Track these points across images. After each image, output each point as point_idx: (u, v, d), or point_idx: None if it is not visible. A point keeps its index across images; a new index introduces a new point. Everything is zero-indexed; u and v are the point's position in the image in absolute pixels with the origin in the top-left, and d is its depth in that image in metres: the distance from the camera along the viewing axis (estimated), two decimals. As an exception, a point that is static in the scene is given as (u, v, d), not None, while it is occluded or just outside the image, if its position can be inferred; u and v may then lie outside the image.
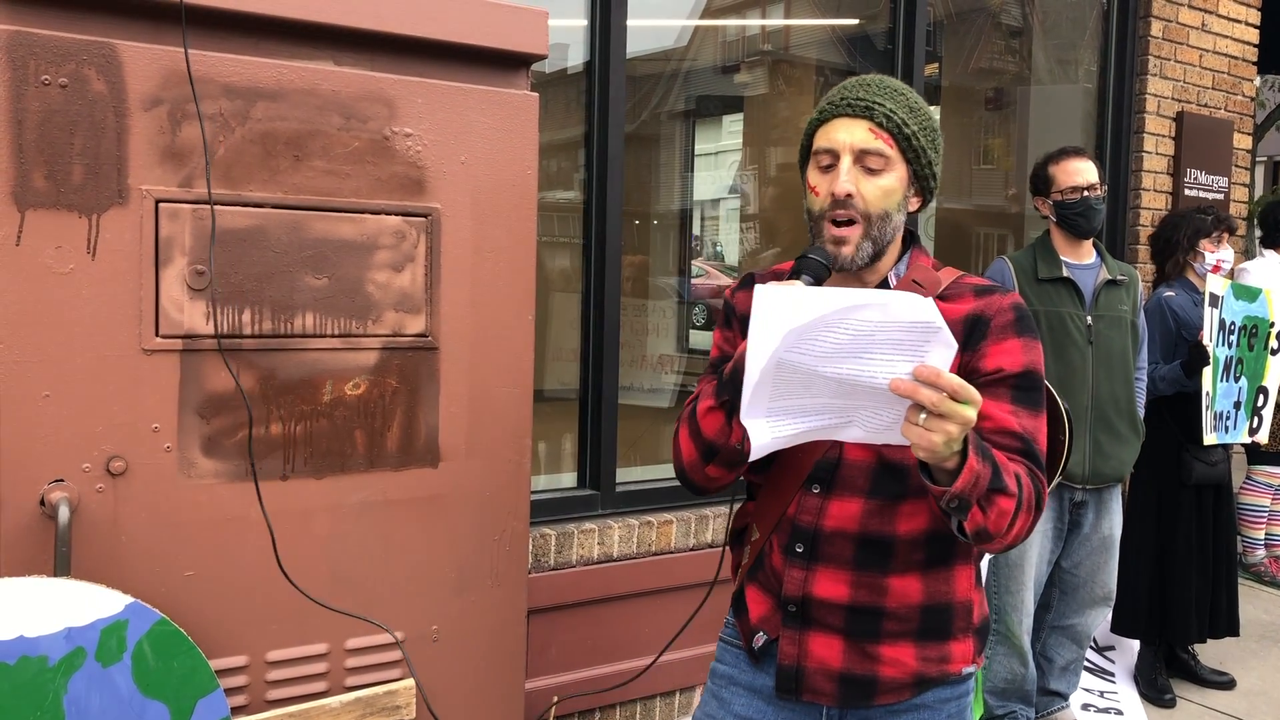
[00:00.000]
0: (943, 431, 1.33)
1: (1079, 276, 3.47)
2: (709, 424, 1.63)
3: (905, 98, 1.66)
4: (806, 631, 1.68)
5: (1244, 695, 4.12)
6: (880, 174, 1.63)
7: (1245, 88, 5.63)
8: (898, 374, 1.31)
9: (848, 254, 1.62)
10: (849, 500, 1.65)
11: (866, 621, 1.66)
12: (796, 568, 1.67)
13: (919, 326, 1.28)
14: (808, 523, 1.66)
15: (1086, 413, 3.42)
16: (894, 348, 1.30)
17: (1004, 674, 3.62)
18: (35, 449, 1.71)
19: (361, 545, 2.00)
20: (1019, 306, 1.66)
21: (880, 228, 1.64)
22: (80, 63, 1.70)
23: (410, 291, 2.00)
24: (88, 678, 1.63)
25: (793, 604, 1.68)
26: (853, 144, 1.62)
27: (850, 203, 1.61)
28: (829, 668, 1.67)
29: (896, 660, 1.66)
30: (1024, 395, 1.62)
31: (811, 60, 4.95)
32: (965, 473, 1.40)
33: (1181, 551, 4.01)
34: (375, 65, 1.98)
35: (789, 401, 1.37)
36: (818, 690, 1.68)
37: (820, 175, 1.65)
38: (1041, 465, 1.60)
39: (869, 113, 1.62)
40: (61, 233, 1.71)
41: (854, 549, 1.65)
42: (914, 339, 1.30)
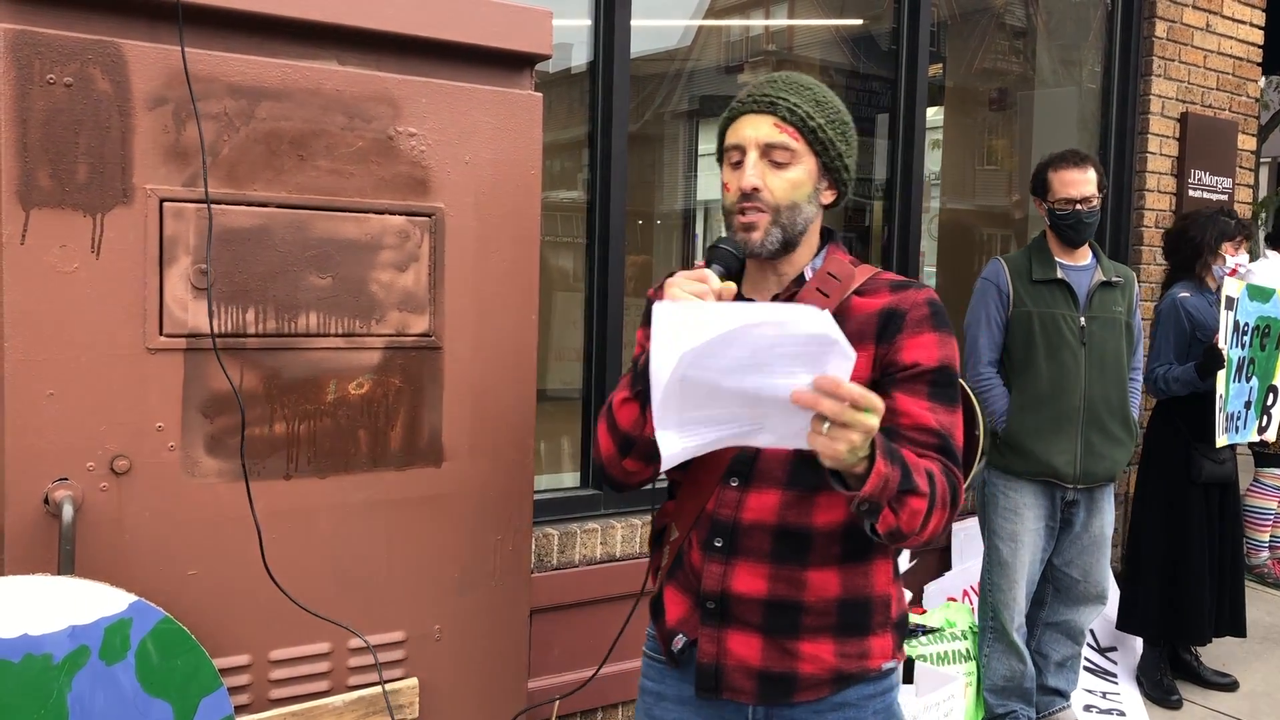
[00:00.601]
0: (846, 440, 1.36)
1: (1073, 278, 3.48)
2: (624, 415, 1.66)
3: (811, 92, 1.69)
4: (725, 629, 1.68)
5: (1247, 697, 4.12)
6: (787, 167, 1.65)
7: (1249, 89, 5.62)
8: (799, 385, 1.33)
9: (756, 239, 1.65)
10: (767, 492, 1.66)
11: (785, 617, 1.66)
12: (715, 562, 1.68)
13: (816, 339, 1.30)
14: (726, 516, 1.67)
15: (1078, 413, 3.44)
16: (793, 360, 1.32)
17: (1002, 671, 3.63)
18: (39, 447, 1.72)
19: (365, 545, 2.00)
20: (933, 302, 1.69)
21: (789, 217, 1.66)
22: (85, 62, 1.70)
23: (414, 291, 2.01)
24: (92, 676, 1.63)
25: (711, 600, 1.68)
26: (758, 139, 1.65)
27: (758, 196, 1.64)
28: (748, 665, 1.67)
29: (815, 657, 1.67)
30: (940, 391, 1.63)
31: (815, 60, 4.95)
32: (873, 477, 1.42)
33: (1195, 551, 4.00)
34: (379, 65, 1.98)
35: (698, 412, 1.39)
36: (737, 688, 1.68)
37: (731, 172, 1.69)
38: (957, 461, 1.62)
39: (773, 108, 1.65)
40: (66, 232, 1.71)
41: (772, 542, 1.65)
42: (812, 351, 1.31)
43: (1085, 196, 3.41)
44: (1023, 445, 3.47)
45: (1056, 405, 3.44)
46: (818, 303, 1.67)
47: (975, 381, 3.62)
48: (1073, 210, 3.42)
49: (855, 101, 4.95)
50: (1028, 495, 3.52)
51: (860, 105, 4.94)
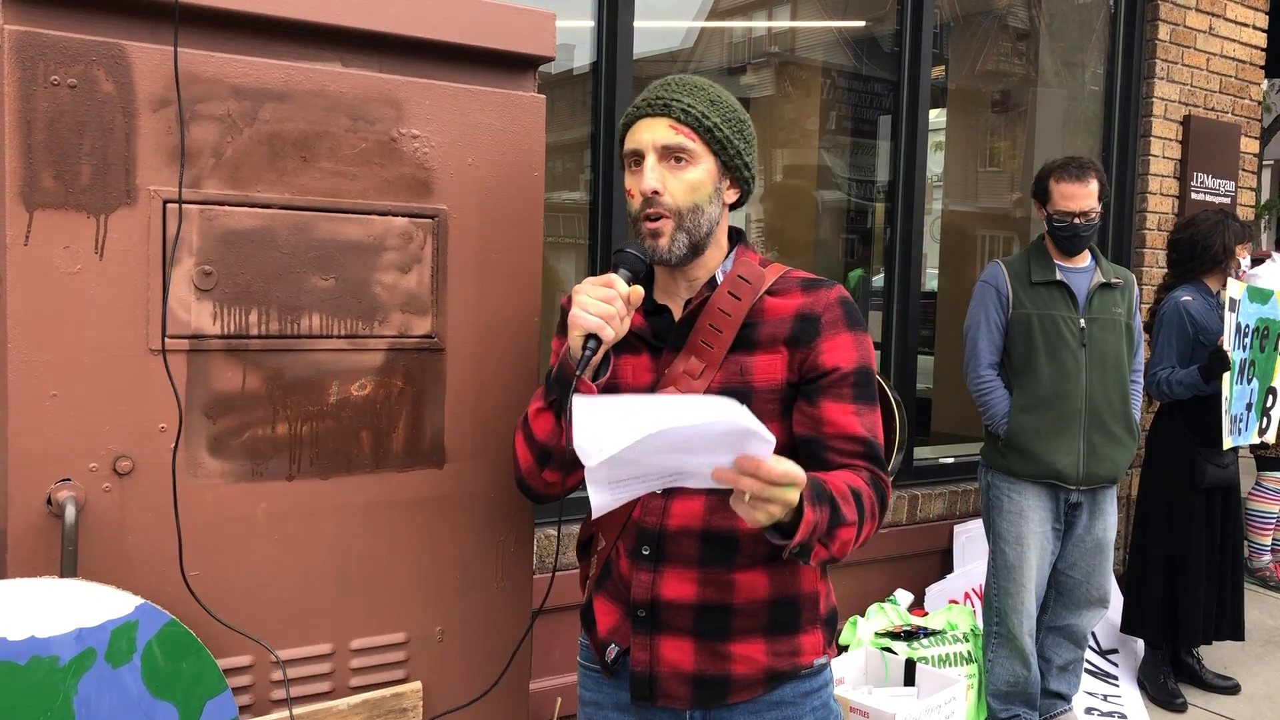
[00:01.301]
0: (765, 512, 1.38)
1: (1072, 280, 3.49)
2: (540, 426, 1.66)
3: (706, 92, 1.69)
4: (657, 636, 1.68)
5: (1249, 700, 4.12)
6: (685, 168, 1.65)
7: (1252, 91, 5.62)
8: (720, 464, 1.35)
9: (664, 245, 1.65)
10: (691, 498, 1.66)
11: (716, 620, 1.67)
12: (644, 570, 1.68)
13: (735, 431, 1.31)
14: (652, 524, 1.68)
15: (1080, 414, 3.44)
16: (714, 444, 1.34)
17: (1006, 676, 3.63)
18: (42, 448, 1.72)
19: (367, 546, 2.00)
20: (845, 300, 1.69)
21: (693, 220, 1.66)
22: (89, 63, 1.70)
23: (417, 292, 2.01)
24: (98, 678, 1.63)
25: (642, 609, 1.68)
26: (654, 141, 1.65)
27: (658, 200, 1.64)
28: (681, 670, 1.68)
29: (747, 657, 1.67)
30: (862, 392, 1.65)
31: (818, 62, 4.95)
32: (803, 527, 1.43)
33: (1194, 555, 4.01)
34: (383, 67, 1.98)
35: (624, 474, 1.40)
36: (671, 694, 1.69)
37: (631, 177, 1.69)
38: (883, 464, 1.64)
39: (667, 110, 1.65)
40: (69, 233, 1.71)
41: (699, 546, 1.66)
42: (732, 440, 1.33)
43: (1084, 210, 3.41)
44: (1026, 447, 3.47)
45: (1058, 407, 3.45)
46: (730, 307, 1.68)
47: (976, 384, 3.62)
48: (1070, 223, 3.43)
49: (858, 103, 4.95)
50: (1031, 498, 3.52)
51: (863, 107, 4.95)
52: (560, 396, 1.58)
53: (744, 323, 1.67)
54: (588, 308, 1.54)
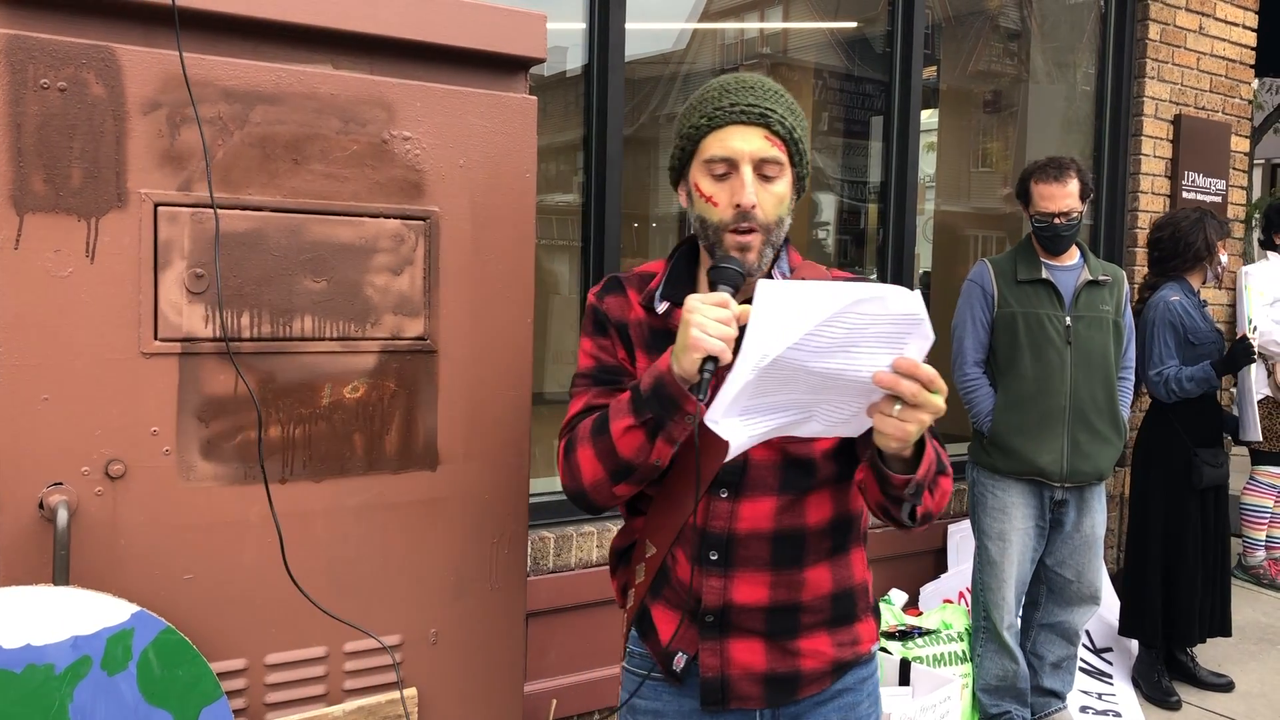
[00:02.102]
0: (917, 421, 1.36)
1: (1058, 278, 3.51)
2: (627, 444, 1.56)
3: (786, 99, 1.65)
4: (726, 640, 1.66)
5: (1242, 697, 4.13)
6: (775, 181, 1.61)
7: (1243, 90, 5.64)
8: (879, 366, 1.34)
9: (751, 260, 1.60)
10: (760, 500, 1.64)
11: (785, 619, 1.66)
12: (714, 576, 1.65)
13: (907, 319, 1.31)
14: (720, 528, 1.64)
15: (1064, 412, 3.46)
16: (880, 340, 1.32)
17: (995, 671, 3.63)
18: (34, 452, 1.71)
19: (360, 548, 2.00)
20: None
21: (777, 234, 1.63)
22: (79, 66, 1.70)
23: (409, 294, 2.01)
24: (93, 686, 1.63)
25: (711, 614, 1.65)
26: (752, 153, 1.59)
27: (753, 214, 1.59)
28: (753, 672, 1.66)
29: (816, 651, 1.68)
30: None
31: (810, 63, 4.95)
32: (925, 460, 1.43)
33: (1189, 554, 4.02)
34: (374, 69, 1.98)
35: (761, 400, 1.38)
36: (744, 695, 1.67)
37: (715, 184, 1.61)
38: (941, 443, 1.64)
39: (765, 120, 1.60)
40: (60, 236, 1.71)
41: (770, 549, 1.64)
42: (899, 331, 1.32)
43: (1063, 211, 3.43)
44: (1008, 444, 3.49)
45: (1041, 404, 3.46)
46: None
47: (962, 382, 3.64)
48: (1050, 223, 3.45)
49: (849, 104, 4.96)
50: (1015, 495, 3.53)
51: (855, 108, 4.95)
52: (659, 415, 1.51)
53: None
54: (708, 329, 1.43)
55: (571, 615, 3.30)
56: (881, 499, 1.54)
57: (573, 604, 3.29)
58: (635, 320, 1.71)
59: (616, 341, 1.72)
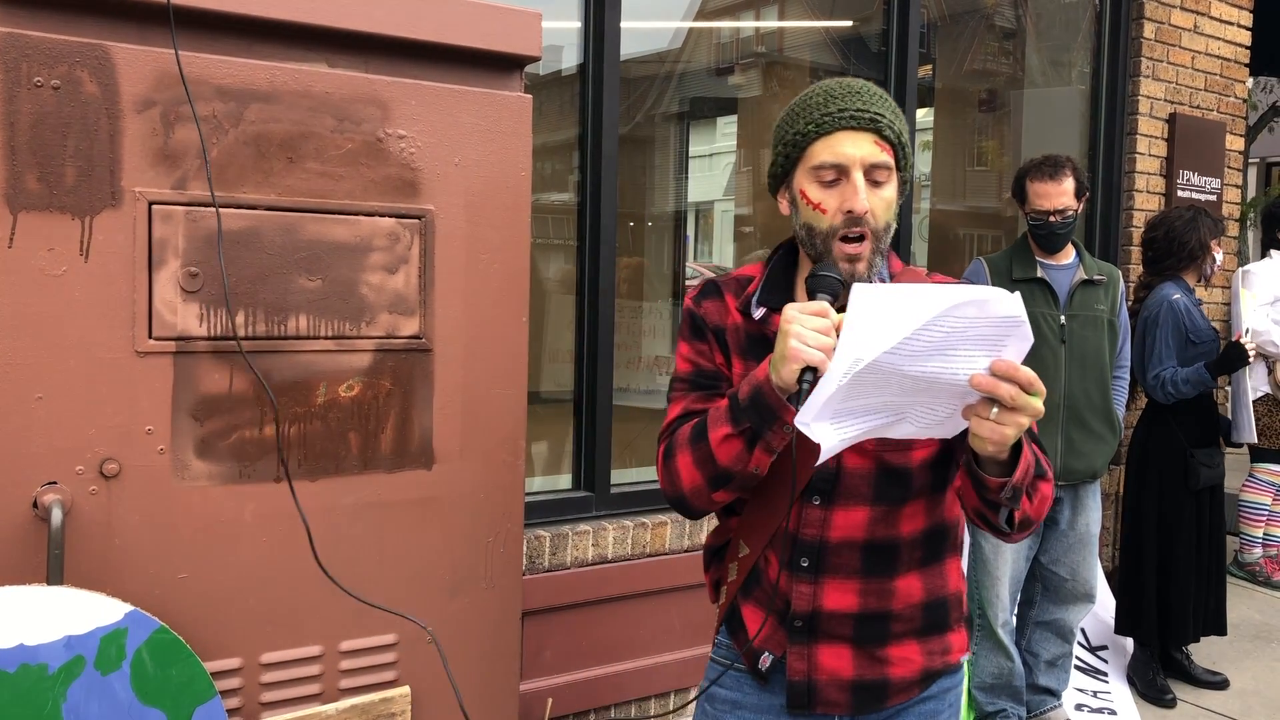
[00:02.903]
0: (1015, 424, 1.35)
1: (1053, 277, 3.52)
2: (725, 452, 1.56)
3: (892, 103, 1.65)
4: (814, 645, 1.66)
5: (1238, 695, 4.13)
6: (884, 186, 1.60)
7: (1237, 89, 5.65)
8: (976, 369, 1.32)
9: (862, 270, 1.58)
10: (854, 509, 1.63)
11: (874, 627, 1.65)
12: (804, 582, 1.65)
13: (1007, 321, 1.29)
14: (812, 536, 1.64)
15: (1059, 410, 3.47)
16: (978, 343, 1.31)
17: (991, 669, 3.64)
18: (28, 451, 1.71)
19: (355, 547, 2.00)
20: None
21: (885, 239, 1.62)
22: (73, 64, 1.70)
23: (404, 293, 2.00)
24: (87, 686, 1.62)
25: (800, 619, 1.65)
26: (863, 159, 1.58)
27: (865, 220, 1.57)
28: (840, 678, 1.66)
29: (905, 659, 1.66)
30: None
31: (805, 62, 4.96)
32: (1023, 462, 1.41)
33: (1183, 554, 4.02)
34: (369, 67, 1.98)
35: (855, 402, 1.36)
36: (831, 701, 1.66)
37: (824, 191, 1.60)
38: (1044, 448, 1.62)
39: (875, 126, 1.59)
40: (54, 235, 1.71)
41: (861, 557, 1.64)
42: (998, 334, 1.30)
43: (1058, 209, 3.44)
44: None
45: None
46: None
47: None
48: (1045, 221, 3.46)
49: (845, 103, 4.95)
50: None
51: (850, 107, 4.94)
52: (757, 425, 1.50)
53: None
54: (807, 340, 1.42)
55: (567, 614, 3.30)
56: (979, 504, 1.52)
57: (568, 603, 3.29)
58: (733, 325, 1.70)
59: (714, 346, 1.70)
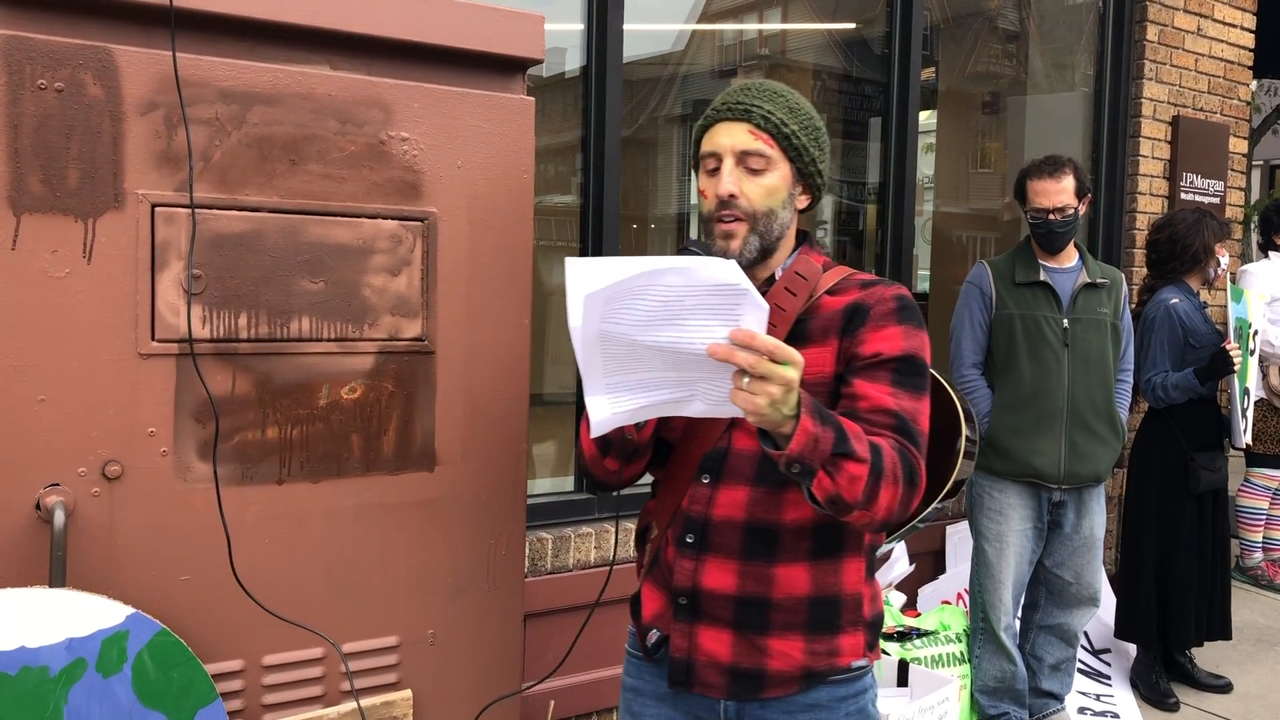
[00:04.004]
0: (765, 393, 1.35)
1: (1056, 280, 3.51)
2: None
3: (785, 99, 1.71)
4: (696, 624, 1.69)
5: (1241, 698, 4.13)
6: (763, 174, 1.68)
7: (1241, 92, 5.64)
8: (715, 339, 1.33)
9: (735, 248, 1.67)
10: (736, 489, 1.67)
11: (754, 613, 1.67)
12: (687, 558, 1.69)
13: (727, 289, 1.30)
14: (698, 513, 1.69)
15: (1061, 414, 3.46)
16: (707, 312, 1.32)
17: (993, 672, 3.64)
18: (31, 453, 1.71)
19: (357, 549, 2.00)
20: (902, 297, 1.69)
21: (766, 224, 1.68)
22: (76, 67, 1.70)
23: (406, 295, 2.01)
24: (88, 688, 1.62)
25: (683, 596, 1.70)
26: (734, 146, 1.67)
27: (735, 203, 1.66)
28: (718, 661, 1.68)
29: (784, 653, 1.67)
30: (904, 379, 1.62)
31: (809, 64, 4.96)
32: (799, 434, 1.40)
33: (1183, 557, 4.01)
34: (371, 70, 1.98)
35: (625, 376, 1.39)
36: (708, 683, 1.70)
37: (707, 179, 1.71)
38: (917, 443, 1.59)
39: (748, 115, 1.67)
40: (57, 237, 1.71)
41: (741, 538, 1.66)
42: (724, 302, 1.31)
43: (1058, 207, 3.43)
44: (1005, 446, 3.49)
45: (1039, 406, 3.46)
46: (785, 302, 1.69)
47: (959, 383, 3.64)
48: (1045, 220, 3.46)
49: (848, 105, 4.96)
50: (1013, 496, 3.53)
51: (853, 109, 4.95)
52: None
53: (798, 318, 1.69)
54: None
55: (570, 616, 3.30)
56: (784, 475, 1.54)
57: (571, 605, 3.28)
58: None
59: None
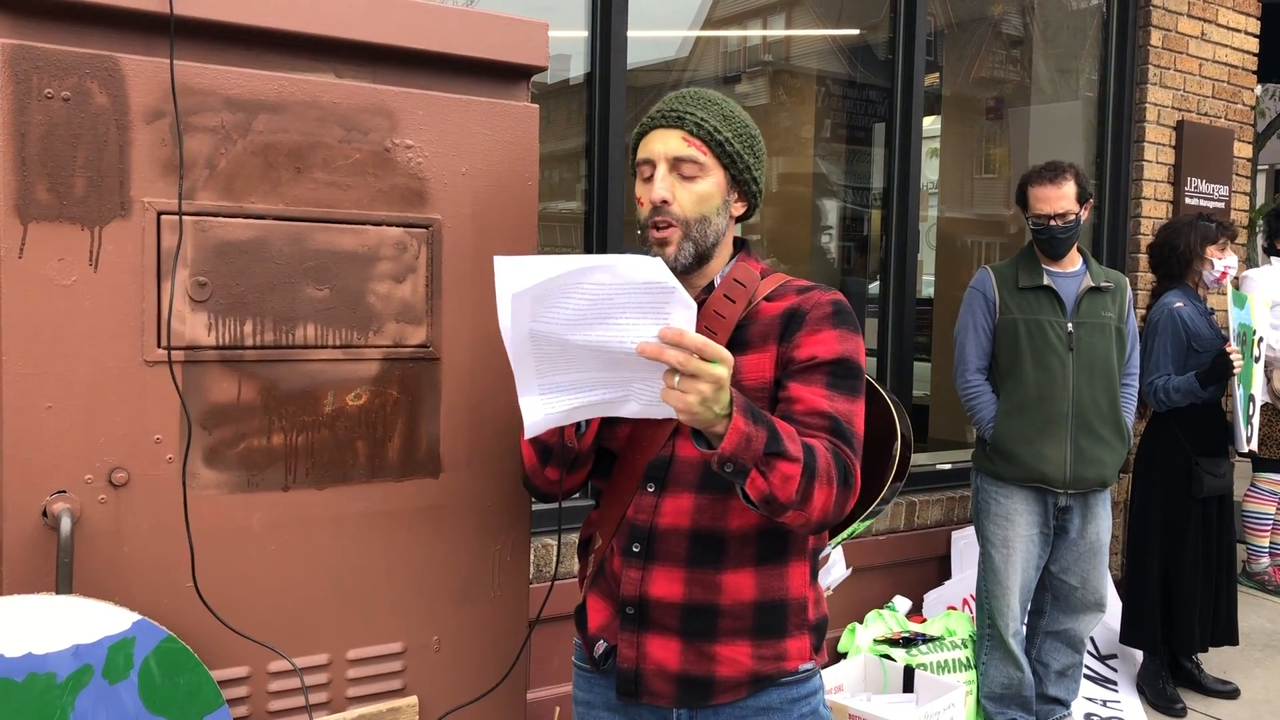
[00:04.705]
0: (695, 391, 1.35)
1: (1060, 284, 3.51)
2: None
3: (719, 107, 1.72)
4: (644, 634, 1.69)
5: (1248, 704, 4.11)
6: (696, 180, 1.69)
7: (1245, 96, 5.64)
8: (644, 337, 1.34)
9: (670, 254, 1.68)
10: (681, 496, 1.67)
11: (702, 621, 1.67)
12: (633, 568, 1.69)
13: (654, 287, 1.31)
14: (644, 521, 1.69)
15: (1067, 418, 3.46)
16: (636, 311, 1.33)
17: (1000, 679, 3.63)
18: (38, 460, 1.72)
19: (363, 556, 2.00)
20: (838, 303, 1.69)
21: (700, 230, 1.69)
22: (83, 76, 1.71)
23: (411, 302, 2.01)
24: (94, 695, 1.63)
25: (630, 605, 1.70)
26: (667, 152, 1.69)
27: (668, 209, 1.68)
28: (666, 669, 1.69)
29: (732, 659, 1.68)
30: (838, 381, 1.63)
31: (812, 70, 4.96)
32: (731, 433, 1.41)
33: (1188, 562, 4.01)
34: (376, 78, 1.99)
35: (559, 377, 1.40)
36: (656, 692, 1.70)
37: (642, 186, 1.73)
38: (852, 445, 1.60)
39: (680, 122, 1.69)
40: (64, 245, 1.72)
41: (687, 546, 1.66)
42: (653, 300, 1.32)
43: (1059, 212, 3.44)
44: (1010, 451, 3.49)
45: (1044, 410, 3.46)
46: (724, 309, 1.69)
47: (964, 388, 3.64)
48: (1046, 225, 3.47)
49: (852, 110, 4.97)
50: (1019, 501, 3.53)
51: (857, 114, 4.96)
52: None
53: (738, 325, 1.69)
54: None
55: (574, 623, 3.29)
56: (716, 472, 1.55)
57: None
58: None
59: None
